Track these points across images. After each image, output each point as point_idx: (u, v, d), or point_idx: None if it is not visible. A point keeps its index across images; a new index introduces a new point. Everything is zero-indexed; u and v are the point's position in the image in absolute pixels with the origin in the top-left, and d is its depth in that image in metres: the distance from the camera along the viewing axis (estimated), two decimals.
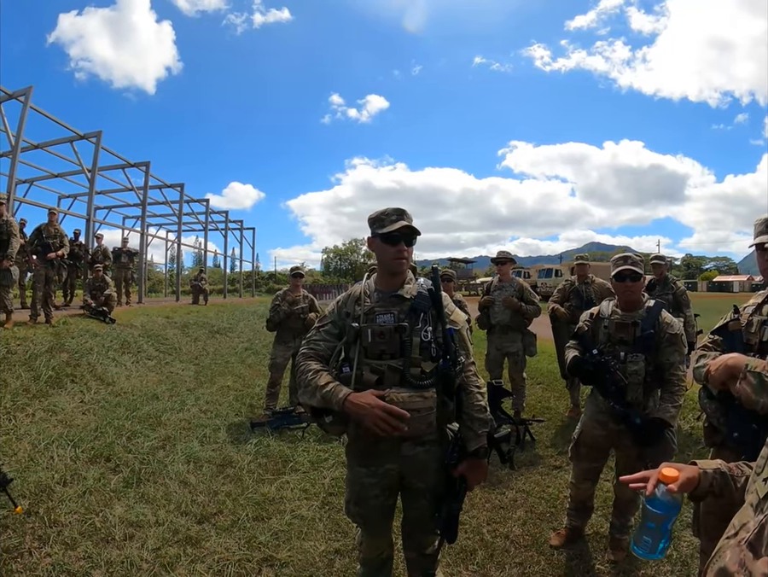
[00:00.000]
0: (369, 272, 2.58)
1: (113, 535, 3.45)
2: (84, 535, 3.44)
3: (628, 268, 3.21)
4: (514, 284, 6.33)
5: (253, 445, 5.17)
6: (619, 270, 3.24)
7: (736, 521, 1.08)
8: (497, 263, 6.46)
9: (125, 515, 3.70)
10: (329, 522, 3.73)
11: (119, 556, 3.21)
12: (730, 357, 2.02)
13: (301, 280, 6.99)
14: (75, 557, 3.19)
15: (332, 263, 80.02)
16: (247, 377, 8.91)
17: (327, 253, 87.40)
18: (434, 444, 2.41)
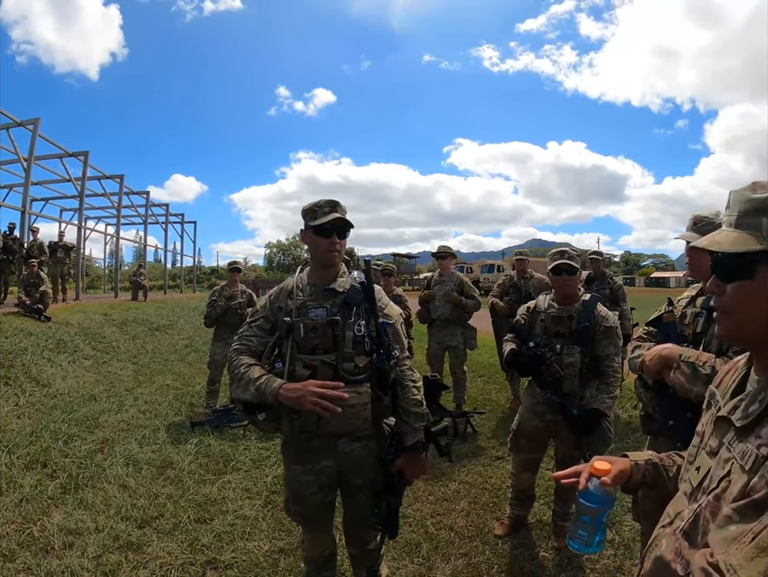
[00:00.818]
0: (302, 266, 2.54)
1: (52, 544, 3.34)
2: (23, 546, 3.33)
3: (565, 262, 3.27)
4: (454, 279, 6.38)
5: (193, 445, 5.07)
6: (556, 264, 3.30)
7: (670, 510, 1.11)
8: (438, 257, 6.53)
9: (64, 523, 3.59)
10: (273, 521, 3.69)
11: (59, 565, 3.12)
12: (664, 347, 2.07)
13: (239, 275, 6.85)
14: (14, 570, 3.09)
15: (275, 258, 79.45)
16: (186, 375, 8.74)
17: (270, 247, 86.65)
18: (371, 439, 2.40)
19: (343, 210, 2.35)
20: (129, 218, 26.40)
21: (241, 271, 6.93)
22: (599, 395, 3.21)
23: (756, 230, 0.94)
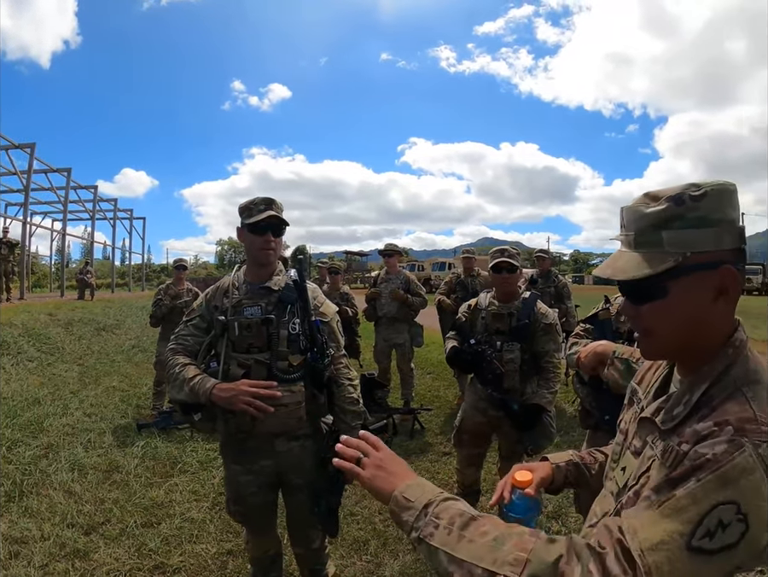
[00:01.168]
0: (239, 264, 2.54)
1: None
2: None
3: (504, 260, 3.32)
4: (401, 276, 6.44)
5: (139, 448, 4.99)
6: (496, 262, 3.34)
7: (597, 509, 1.13)
8: (385, 255, 6.56)
9: (9, 532, 3.50)
10: (220, 523, 3.67)
11: (5, 576, 3.05)
12: (599, 344, 2.12)
13: (185, 272, 6.72)
14: None
15: (227, 255, 78.59)
16: (133, 376, 8.58)
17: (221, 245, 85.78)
18: (308, 438, 2.42)
19: (279, 208, 2.35)
20: (76, 213, 25.79)
21: (186, 269, 6.79)
22: (539, 391, 3.28)
23: (658, 247, 0.94)
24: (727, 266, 0.92)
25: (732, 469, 0.79)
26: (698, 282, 0.93)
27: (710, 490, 0.79)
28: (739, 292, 0.95)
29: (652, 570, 0.75)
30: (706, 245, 0.92)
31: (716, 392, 0.93)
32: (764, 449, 0.80)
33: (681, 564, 0.76)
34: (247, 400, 2.08)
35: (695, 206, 0.92)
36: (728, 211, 0.93)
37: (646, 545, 0.77)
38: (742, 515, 0.77)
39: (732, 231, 0.94)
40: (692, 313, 0.95)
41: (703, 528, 0.77)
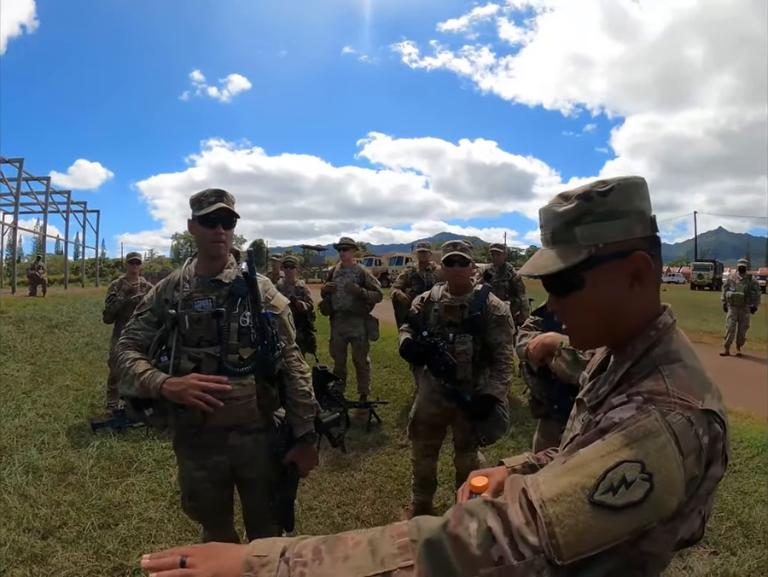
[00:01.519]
0: (191, 257, 2.53)
1: None
2: None
3: (457, 254, 3.38)
4: (356, 270, 6.48)
5: (94, 448, 4.92)
6: (448, 255, 3.40)
7: None
8: (340, 249, 6.60)
9: None
10: (179, 522, 3.66)
11: None
12: (547, 335, 2.18)
13: (138, 267, 6.62)
14: None
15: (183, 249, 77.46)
16: (87, 375, 8.40)
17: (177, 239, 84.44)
18: (261, 432, 2.42)
19: (230, 200, 2.34)
20: (28, 205, 25.21)
21: (140, 263, 6.70)
22: (492, 382, 3.35)
23: (572, 242, 0.99)
24: (639, 253, 0.97)
25: (637, 430, 0.82)
26: (612, 270, 0.98)
27: (615, 447, 0.81)
28: (654, 276, 1.00)
29: (553, 521, 0.76)
30: (617, 235, 0.97)
31: (636, 370, 0.98)
32: (671, 416, 0.83)
33: (583, 517, 0.77)
34: (196, 394, 2.07)
35: (603, 201, 0.98)
36: (636, 202, 0.99)
37: (547, 496, 0.79)
38: (647, 474, 0.78)
39: (642, 221, 0.99)
40: (610, 300, 1.00)
41: (606, 483, 0.78)
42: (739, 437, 5.44)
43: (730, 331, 10.93)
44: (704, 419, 0.86)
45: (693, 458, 0.83)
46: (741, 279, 10.92)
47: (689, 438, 0.83)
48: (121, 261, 56.76)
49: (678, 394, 0.88)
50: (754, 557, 3.30)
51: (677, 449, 0.81)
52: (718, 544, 3.47)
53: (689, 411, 0.85)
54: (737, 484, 4.37)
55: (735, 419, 6.20)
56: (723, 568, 3.20)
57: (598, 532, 0.77)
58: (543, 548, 0.75)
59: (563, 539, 0.75)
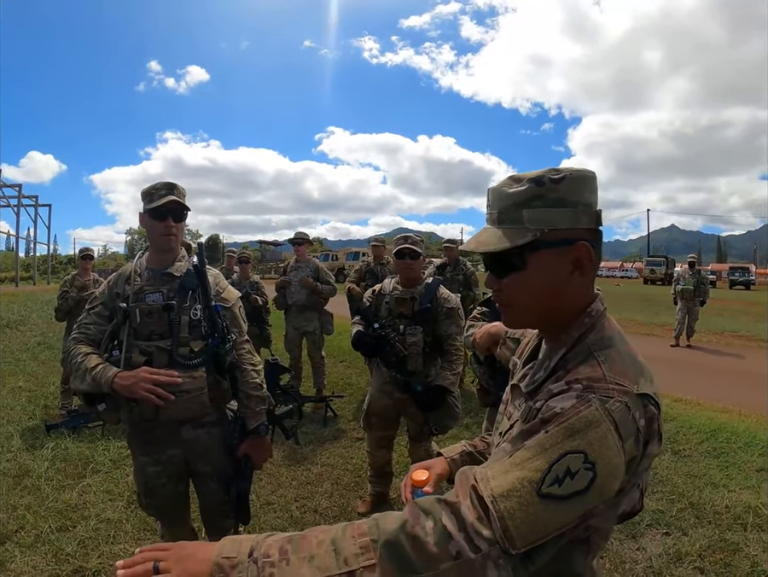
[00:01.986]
0: (142, 251, 2.53)
1: None
2: None
3: (407, 247, 3.44)
4: (310, 265, 6.50)
5: (49, 450, 4.83)
6: (399, 248, 3.46)
7: None
8: (294, 243, 6.62)
9: None
10: (137, 521, 3.64)
11: None
12: (492, 325, 2.23)
13: (91, 262, 6.48)
14: None
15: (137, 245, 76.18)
16: (40, 375, 8.19)
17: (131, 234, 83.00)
18: (215, 425, 2.44)
19: (180, 193, 2.35)
20: None
21: (93, 259, 6.56)
22: (442, 372, 3.42)
23: (519, 223, 1.00)
24: (583, 243, 1.00)
25: (578, 421, 0.86)
26: (555, 256, 1.01)
27: (558, 440, 0.85)
28: (594, 267, 1.04)
29: (505, 516, 0.80)
30: (564, 223, 1.00)
31: (571, 356, 1.01)
32: (610, 404, 0.87)
33: (533, 509, 0.81)
34: (147, 388, 2.08)
35: (555, 188, 0.99)
36: (585, 195, 1.02)
37: (498, 492, 0.82)
38: (590, 463, 0.83)
39: (589, 213, 1.02)
40: (549, 284, 1.03)
41: (552, 475, 0.82)
42: (688, 424, 5.66)
43: (679, 323, 11.23)
44: (640, 402, 0.91)
45: (632, 441, 0.88)
46: (690, 274, 11.22)
47: (628, 423, 0.88)
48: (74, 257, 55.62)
49: (615, 380, 0.92)
50: (705, 537, 3.43)
51: (617, 435, 0.86)
52: (670, 525, 3.60)
53: (626, 396, 0.90)
54: (687, 468, 4.54)
55: (684, 407, 6.46)
56: (675, 548, 3.32)
57: (548, 521, 0.82)
58: (497, 540, 0.80)
59: (516, 531, 0.80)
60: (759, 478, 4.33)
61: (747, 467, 4.58)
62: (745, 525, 3.59)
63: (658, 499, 3.96)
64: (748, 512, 3.74)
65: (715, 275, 44.43)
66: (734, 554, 3.27)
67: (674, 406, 6.40)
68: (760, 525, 3.59)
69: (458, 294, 4.14)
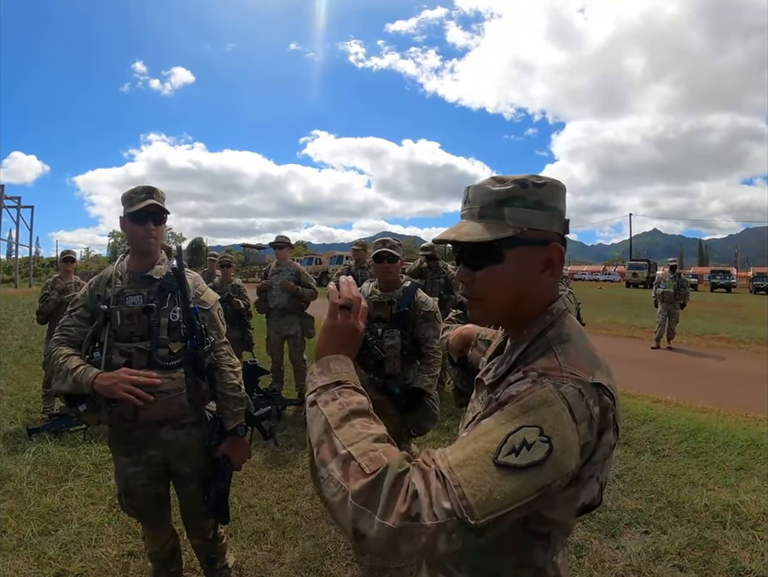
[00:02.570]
0: (124, 254, 2.57)
1: None
2: None
3: (386, 250, 3.49)
4: (291, 268, 6.53)
5: (31, 454, 4.83)
6: (378, 252, 3.51)
7: None
8: (276, 247, 6.65)
9: None
10: (119, 525, 3.65)
11: None
12: (465, 327, 2.27)
13: (73, 265, 6.46)
14: None
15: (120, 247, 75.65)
16: (22, 379, 8.12)
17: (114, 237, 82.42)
18: (194, 426, 2.48)
19: (160, 197, 2.39)
20: None
21: (74, 261, 6.55)
22: (420, 375, 3.47)
23: (500, 219, 1.05)
24: (556, 244, 1.06)
25: (533, 399, 0.90)
26: (530, 253, 1.06)
27: (514, 415, 0.89)
28: (561, 268, 1.10)
29: (461, 483, 0.82)
30: (540, 224, 1.06)
31: (531, 351, 1.06)
32: (564, 388, 0.92)
33: (490, 477, 0.83)
34: (126, 388, 2.11)
35: (536, 191, 1.06)
36: (559, 203, 1.09)
37: (454, 463, 0.85)
38: (546, 436, 0.86)
39: (560, 219, 1.09)
40: (521, 280, 1.07)
41: (508, 446, 0.85)
42: (668, 424, 5.75)
43: (660, 326, 11.37)
44: (594, 391, 0.95)
45: (585, 426, 0.91)
46: (671, 277, 11.36)
47: (581, 407, 0.92)
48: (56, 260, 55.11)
49: (570, 370, 0.96)
50: (684, 535, 3.49)
51: (571, 416, 0.89)
52: (649, 523, 3.67)
53: (580, 384, 0.94)
54: (666, 468, 4.62)
55: (664, 407, 6.56)
56: (654, 546, 3.38)
57: (506, 491, 0.83)
58: (455, 511, 0.81)
59: (473, 499, 0.81)
60: (738, 477, 4.42)
61: (726, 466, 4.66)
62: (724, 523, 3.66)
63: (637, 499, 4.02)
64: (727, 510, 3.81)
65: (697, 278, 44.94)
66: (713, 551, 3.32)
67: (654, 407, 6.50)
68: (739, 522, 3.66)
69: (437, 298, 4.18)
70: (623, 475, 4.45)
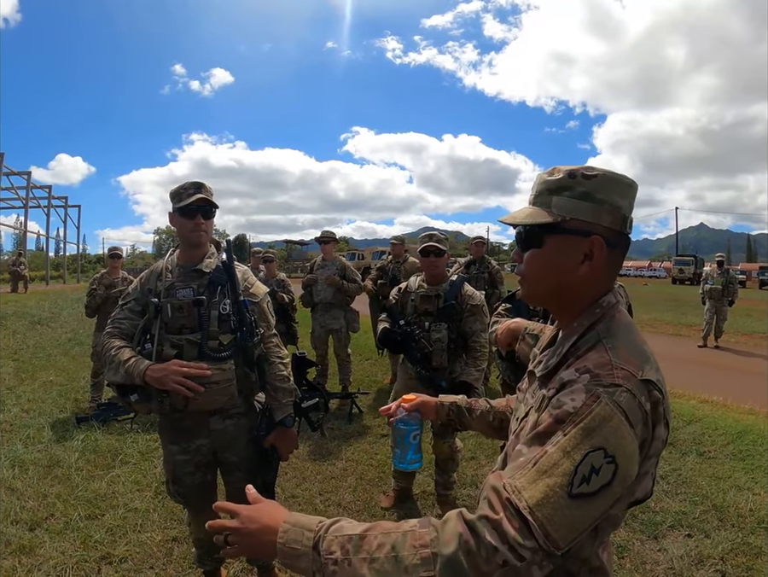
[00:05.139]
0: (174, 248, 2.62)
1: None
2: None
3: (432, 244, 3.49)
4: (336, 263, 6.56)
5: (79, 442, 4.95)
6: (424, 246, 3.51)
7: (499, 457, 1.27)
8: (321, 242, 6.68)
9: None
10: (164, 511, 3.71)
11: None
12: (513, 321, 2.26)
13: (119, 261, 6.60)
14: None
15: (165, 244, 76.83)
16: (71, 370, 8.36)
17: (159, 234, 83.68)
18: (242, 416, 2.51)
19: (208, 191, 2.42)
20: (8, 201, 24.97)
21: (121, 258, 6.68)
22: (467, 369, 3.45)
23: (547, 207, 1.10)
24: (597, 237, 1.06)
25: (592, 421, 0.91)
26: (570, 242, 1.08)
27: (577, 442, 0.91)
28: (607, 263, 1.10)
29: (544, 523, 0.86)
30: (585, 215, 1.07)
31: (582, 343, 1.07)
32: (617, 395, 0.93)
33: (568, 510, 0.87)
34: (177, 380, 2.15)
35: (584, 182, 1.08)
36: (614, 197, 1.08)
37: (532, 503, 0.87)
38: (610, 457, 0.89)
39: (614, 214, 1.08)
40: (557, 267, 1.10)
41: (579, 477, 0.88)
42: (714, 425, 5.58)
43: (707, 324, 11.05)
44: (644, 388, 0.96)
45: (641, 425, 0.94)
46: (719, 273, 11.06)
47: (635, 410, 0.93)
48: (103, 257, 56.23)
49: (620, 365, 0.97)
50: (728, 540, 3.39)
51: (628, 423, 0.92)
52: (693, 526, 3.57)
53: (630, 382, 0.95)
54: (712, 470, 4.49)
55: (711, 408, 6.36)
56: (697, 550, 3.29)
57: (584, 518, 0.89)
58: (541, 546, 0.86)
59: (557, 534, 0.86)
60: None
61: None
62: None
63: (681, 501, 3.93)
64: None
65: (745, 274, 43.60)
66: (756, 558, 3.23)
67: (700, 408, 6.33)
68: None
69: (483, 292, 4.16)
70: (667, 475, 4.35)
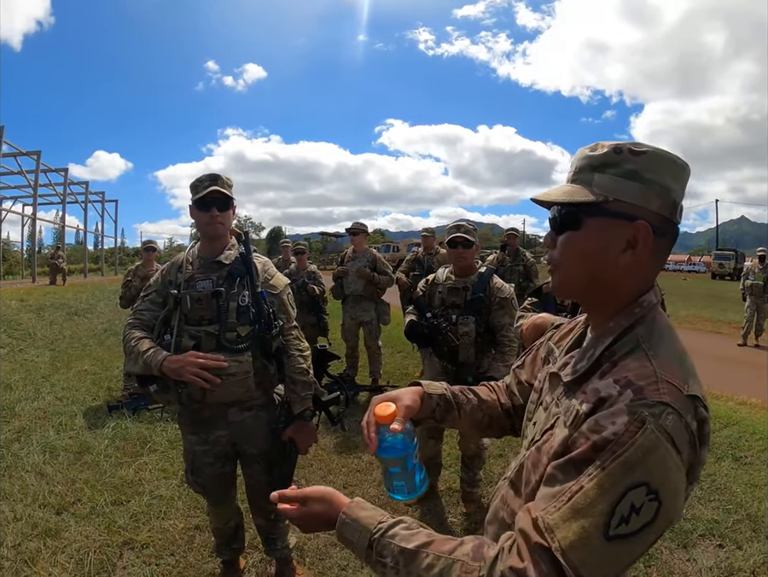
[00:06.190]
0: (195, 241, 2.63)
1: None
2: None
3: (460, 235, 3.40)
4: (367, 255, 6.51)
5: (110, 429, 5.03)
6: (452, 237, 3.42)
7: (513, 463, 1.15)
8: (352, 234, 6.65)
9: None
10: (188, 499, 3.74)
11: None
12: (539, 316, 2.21)
13: (154, 254, 6.64)
14: None
15: None
16: (105, 360, 8.50)
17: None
18: (261, 409, 2.50)
19: (224, 183, 2.41)
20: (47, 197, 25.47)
21: (155, 250, 6.72)
22: (495, 363, 3.37)
23: (588, 185, 0.97)
24: (644, 222, 0.93)
25: (636, 452, 0.80)
26: (611, 226, 0.96)
27: (617, 477, 0.80)
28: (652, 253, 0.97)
29: (578, 565, 0.78)
30: (630, 197, 0.94)
31: (618, 347, 0.95)
32: (663, 419, 0.81)
33: (604, 551, 0.79)
34: (194, 371, 2.15)
35: (631, 159, 0.95)
36: (665, 177, 0.95)
37: (565, 544, 0.79)
38: (653, 493, 0.79)
39: (664, 198, 0.95)
40: (596, 253, 0.98)
41: (617, 517, 0.78)
42: (752, 429, 5.30)
43: (747, 321, 10.67)
44: (690, 405, 0.86)
45: (688, 450, 0.83)
46: (760, 268, 10.69)
47: (682, 431, 0.83)
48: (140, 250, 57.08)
49: (666, 378, 0.87)
50: (761, 552, 3.20)
51: (675, 450, 0.81)
52: (725, 537, 3.39)
53: (677, 401, 0.85)
54: (748, 477, 4.26)
55: (749, 410, 6.09)
56: (727, 562, 3.12)
57: (621, 559, 0.81)
58: None
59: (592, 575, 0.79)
60: None
61: None
62: None
63: (714, 508, 3.74)
64: None
65: None
66: None
67: (738, 410, 6.05)
68: None
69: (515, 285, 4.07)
70: (701, 481, 4.11)
